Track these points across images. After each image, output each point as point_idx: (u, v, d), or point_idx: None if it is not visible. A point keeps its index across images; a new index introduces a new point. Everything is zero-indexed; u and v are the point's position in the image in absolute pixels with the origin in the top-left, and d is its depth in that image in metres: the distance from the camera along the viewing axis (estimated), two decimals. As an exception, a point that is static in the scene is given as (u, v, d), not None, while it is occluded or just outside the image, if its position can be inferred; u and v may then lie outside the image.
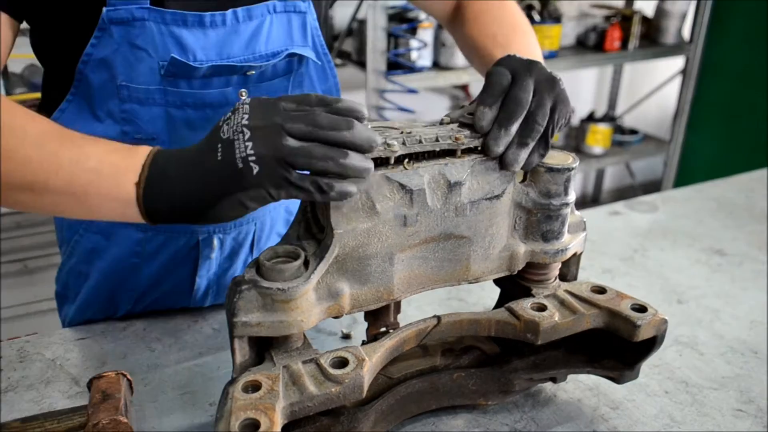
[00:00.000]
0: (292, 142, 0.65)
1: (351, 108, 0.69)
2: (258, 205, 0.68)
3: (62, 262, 1.15)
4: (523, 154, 0.77)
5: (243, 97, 0.92)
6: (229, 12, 0.91)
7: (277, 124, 0.66)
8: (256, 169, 0.65)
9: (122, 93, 0.90)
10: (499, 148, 0.76)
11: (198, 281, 1.10)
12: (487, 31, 1.05)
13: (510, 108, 0.76)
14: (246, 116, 0.67)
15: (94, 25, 0.86)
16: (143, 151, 0.72)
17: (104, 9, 0.84)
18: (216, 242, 1.07)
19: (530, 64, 0.80)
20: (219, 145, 0.67)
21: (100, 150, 0.73)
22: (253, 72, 0.95)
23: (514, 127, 0.76)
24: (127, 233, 1.04)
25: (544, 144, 0.78)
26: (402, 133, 0.74)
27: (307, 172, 0.67)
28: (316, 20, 1.01)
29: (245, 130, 0.66)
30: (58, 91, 0.94)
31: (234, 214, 0.70)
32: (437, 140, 0.75)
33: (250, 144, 0.65)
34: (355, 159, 0.67)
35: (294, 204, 1.17)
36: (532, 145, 0.77)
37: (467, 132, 0.77)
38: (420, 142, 0.74)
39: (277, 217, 1.15)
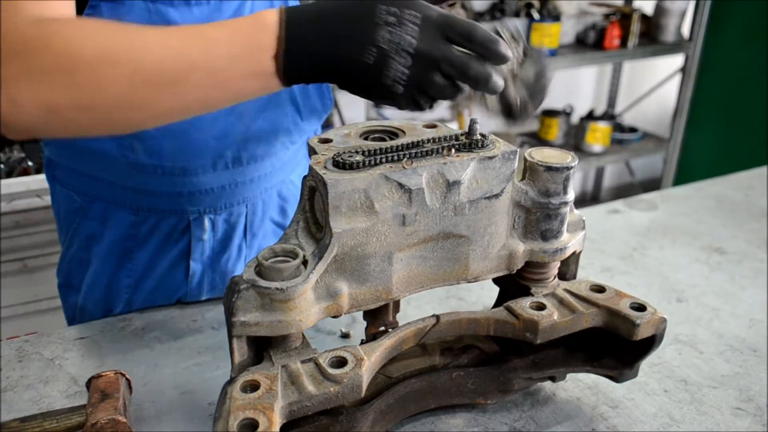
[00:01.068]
0: (439, 79, 0.71)
1: (503, 57, 0.73)
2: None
3: (63, 252, 1.17)
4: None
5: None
6: None
7: (437, 60, 0.70)
8: (400, 90, 0.71)
9: None
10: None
11: (192, 265, 1.11)
12: None
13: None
14: (413, 38, 0.69)
15: (83, 4, 0.88)
16: (271, 22, 0.71)
17: None
18: (207, 223, 1.09)
19: None
20: (373, 49, 0.69)
21: (224, 33, 0.73)
22: None
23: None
24: (121, 216, 1.07)
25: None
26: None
27: None
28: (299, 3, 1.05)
29: (409, 54, 0.69)
30: None
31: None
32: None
33: (406, 71, 0.70)
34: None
35: (287, 190, 1.18)
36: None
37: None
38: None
39: (269, 201, 1.16)
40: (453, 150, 0.77)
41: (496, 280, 0.92)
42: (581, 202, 4.29)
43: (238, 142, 1.04)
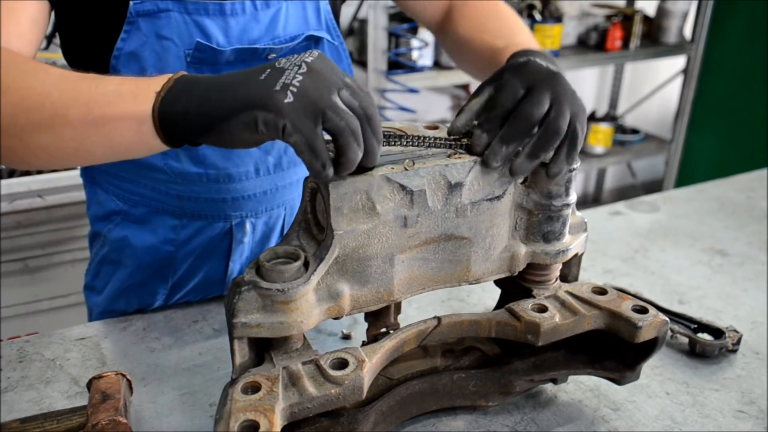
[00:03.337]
0: (338, 101, 0.65)
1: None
2: (268, 134, 0.65)
3: (94, 253, 1.17)
4: (531, 165, 0.76)
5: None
6: (248, 1, 0.96)
7: (335, 81, 0.66)
8: (290, 98, 0.63)
9: None
10: (497, 163, 0.75)
11: (231, 266, 1.14)
12: (485, 26, 1.06)
13: (518, 125, 0.74)
14: (311, 59, 0.67)
15: (121, 21, 0.90)
16: (170, 75, 0.70)
17: (131, 3, 0.89)
18: (248, 226, 1.11)
19: (551, 77, 0.77)
20: (268, 70, 0.66)
21: (122, 78, 0.74)
22: (274, 55, 0.99)
23: (515, 145, 0.75)
24: (162, 220, 1.08)
25: (569, 154, 0.77)
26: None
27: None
28: (329, 4, 1.07)
29: (304, 66, 0.65)
30: None
31: (242, 134, 0.66)
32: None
33: (300, 77, 0.64)
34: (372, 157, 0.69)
35: None
36: (542, 157, 0.76)
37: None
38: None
39: None
40: (455, 151, 0.77)
41: (497, 282, 0.92)
42: (583, 203, 4.29)
43: (279, 148, 1.07)
